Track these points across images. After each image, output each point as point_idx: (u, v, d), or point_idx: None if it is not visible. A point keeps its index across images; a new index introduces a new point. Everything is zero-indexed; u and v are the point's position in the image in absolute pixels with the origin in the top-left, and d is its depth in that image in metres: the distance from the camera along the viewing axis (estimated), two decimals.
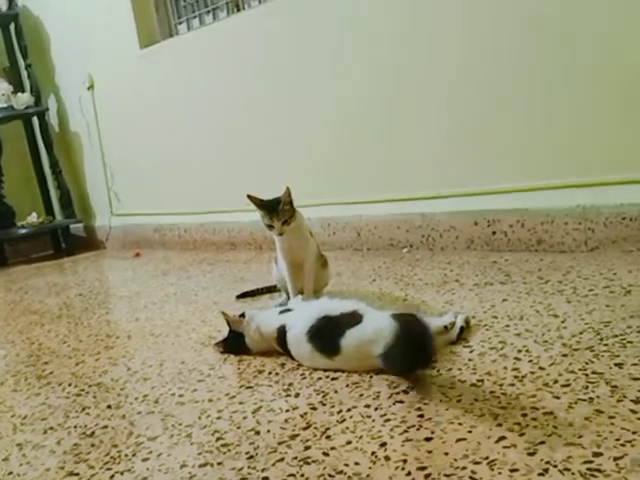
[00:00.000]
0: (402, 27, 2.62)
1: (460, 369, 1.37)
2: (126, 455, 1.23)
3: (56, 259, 4.44)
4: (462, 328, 1.57)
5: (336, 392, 1.36)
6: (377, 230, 2.89)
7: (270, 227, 1.92)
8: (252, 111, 3.31)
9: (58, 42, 4.47)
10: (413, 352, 1.30)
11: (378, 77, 2.74)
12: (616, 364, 1.27)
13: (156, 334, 2.07)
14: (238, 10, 3.46)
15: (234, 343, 1.70)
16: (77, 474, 1.19)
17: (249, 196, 1.91)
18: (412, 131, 2.69)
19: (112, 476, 1.16)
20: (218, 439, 1.23)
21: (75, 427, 1.41)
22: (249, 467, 1.10)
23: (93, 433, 1.36)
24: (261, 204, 1.91)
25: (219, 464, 1.13)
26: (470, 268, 2.28)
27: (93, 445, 1.30)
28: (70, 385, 1.70)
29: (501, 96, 2.40)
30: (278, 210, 1.88)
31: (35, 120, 4.59)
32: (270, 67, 3.17)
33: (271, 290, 2.33)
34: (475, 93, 2.47)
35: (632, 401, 1.10)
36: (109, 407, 1.50)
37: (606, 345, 1.37)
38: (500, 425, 1.09)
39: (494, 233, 2.49)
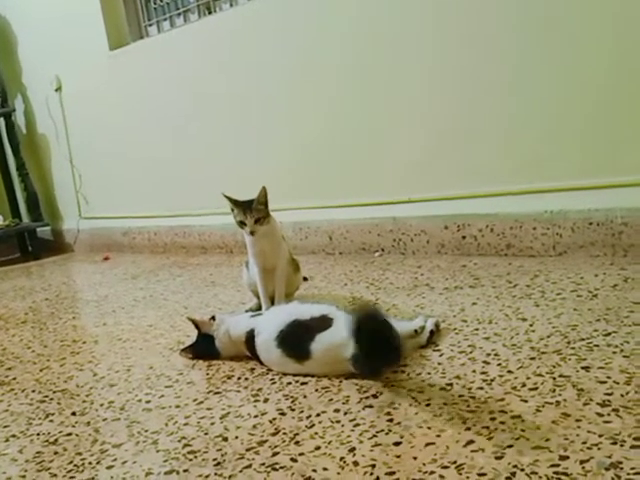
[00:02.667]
0: (375, 29, 2.62)
1: (429, 373, 1.37)
2: (90, 463, 1.20)
3: (22, 263, 4.35)
4: (432, 332, 1.57)
5: (305, 397, 1.35)
6: (349, 234, 2.89)
7: (242, 224, 1.91)
8: (223, 113, 3.29)
9: (25, 43, 4.39)
10: (378, 345, 1.30)
11: (350, 81, 2.75)
12: (583, 367, 1.28)
13: (124, 339, 2.04)
14: (209, 13, 3.43)
15: (204, 346, 1.68)
16: None
17: (225, 195, 1.91)
18: (384, 136, 2.70)
19: None
20: (185, 446, 1.21)
21: (38, 435, 1.38)
22: (216, 474, 1.09)
23: (56, 441, 1.33)
24: (236, 202, 1.91)
25: (185, 471, 1.11)
26: (440, 272, 2.29)
27: (56, 453, 1.27)
28: (34, 391, 1.66)
29: (472, 102, 2.42)
30: (252, 208, 1.88)
31: (1, 121, 4.50)
32: (241, 69, 3.15)
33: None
34: (447, 99, 2.49)
35: (598, 404, 1.11)
36: (74, 414, 1.47)
37: (573, 348, 1.38)
38: (469, 429, 1.09)
39: (464, 237, 2.50)
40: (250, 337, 1.57)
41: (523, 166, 2.33)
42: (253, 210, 1.88)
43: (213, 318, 1.68)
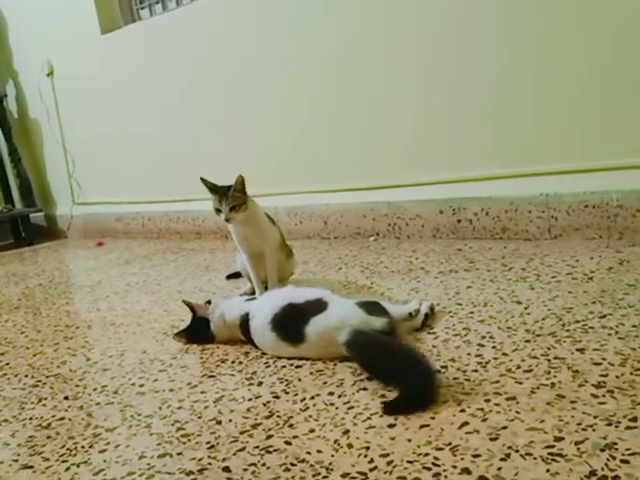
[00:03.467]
0: (369, 15, 2.60)
1: (424, 356, 1.36)
2: (83, 447, 1.20)
3: (16, 248, 4.32)
4: (427, 315, 1.56)
5: (300, 380, 1.34)
6: (344, 219, 2.88)
7: (218, 211, 1.88)
8: (217, 97, 3.26)
9: (16, 27, 4.33)
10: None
11: (345, 66, 2.72)
12: (578, 349, 1.28)
13: (117, 324, 2.03)
14: None
15: (199, 329, 1.67)
16: (31, 467, 1.15)
17: (202, 179, 1.89)
18: (379, 119, 2.68)
19: (67, 468, 1.12)
20: (178, 429, 1.21)
21: (30, 419, 1.37)
22: (209, 457, 1.08)
23: (49, 425, 1.32)
24: (213, 188, 1.89)
25: (179, 454, 1.11)
26: (435, 256, 2.28)
27: (49, 437, 1.26)
28: (27, 376, 1.65)
29: (466, 86, 2.40)
30: (228, 195, 1.84)
31: None
32: (233, 52, 3.12)
33: None
34: (442, 83, 2.47)
35: (593, 386, 1.11)
36: (66, 398, 1.46)
37: (568, 331, 1.38)
38: (463, 411, 1.09)
39: (459, 221, 2.49)
40: (244, 321, 1.56)
41: (518, 149, 2.32)
42: (229, 197, 1.84)
43: (209, 302, 1.67)
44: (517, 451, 0.95)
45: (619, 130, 2.11)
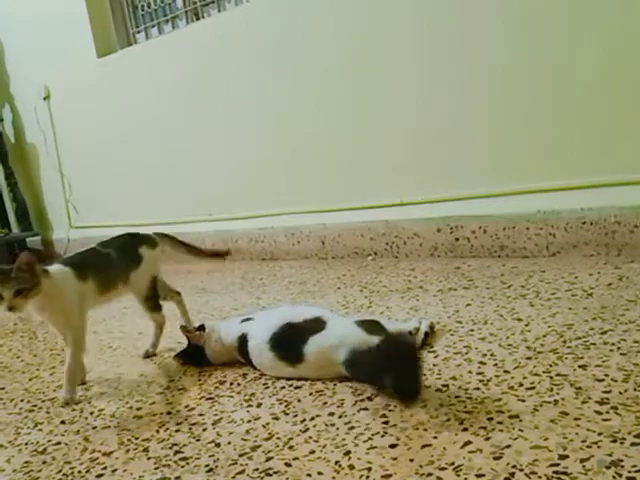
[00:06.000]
0: (366, 30, 2.61)
1: (425, 374, 1.34)
2: (79, 472, 1.17)
3: None
4: (427, 333, 1.55)
5: (299, 401, 1.32)
6: (341, 238, 2.87)
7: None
8: (213, 119, 3.27)
9: (12, 52, 4.35)
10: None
11: (341, 84, 2.74)
12: (580, 366, 1.26)
13: (114, 347, 2.01)
14: (197, 19, 3.42)
15: (194, 357, 1.65)
16: None
17: None
18: (375, 138, 2.68)
19: None
20: (176, 452, 1.19)
21: (26, 444, 1.35)
22: None
23: (45, 450, 1.30)
24: None
25: (177, 478, 1.09)
26: (434, 274, 2.27)
27: (45, 462, 1.24)
28: (22, 401, 1.63)
29: (464, 104, 2.41)
30: (11, 276, 1.42)
31: None
32: (230, 74, 3.14)
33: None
34: (438, 102, 2.48)
35: (597, 402, 1.09)
36: (63, 422, 1.43)
37: (569, 347, 1.37)
38: (466, 430, 1.07)
39: (457, 239, 2.49)
40: (243, 342, 1.55)
41: (515, 167, 2.32)
42: (12, 280, 1.42)
43: (202, 327, 1.65)
44: (522, 470, 0.93)
45: (617, 146, 2.11)
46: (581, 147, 2.18)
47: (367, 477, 0.98)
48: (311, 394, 1.35)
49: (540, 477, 0.91)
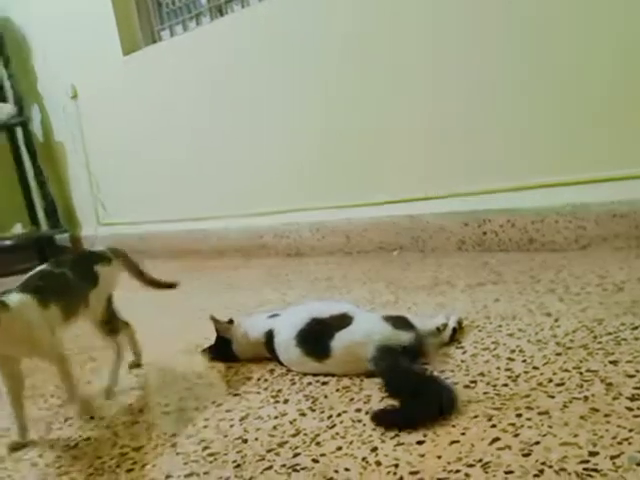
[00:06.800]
0: (387, 25, 2.60)
1: (453, 371, 1.34)
2: (110, 467, 1.19)
3: None
4: (454, 329, 1.53)
5: (326, 397, 1.32)
6: (366, 233, 2.86)
7: None
8: (239, 116, 3.28)
9: (40, 52, 4.42)
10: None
11: (364, 78, 2.72)
12: (611, 362, 1.24)
13: (141, 343, 2.02)
14: (221, 15, 3.43)
15: (221, 350, 1.66)
16: None
17: None
18: (399, 132, 2.67)
19: None
20: (204, 448, 1.19)
21: (57, 439, 1.37)
22: (236, 476, 1.07)
23: (76, 445, 1.32)
24: None
25: (205, 474, 1.09)
26: (461, 269, 2.25)
27: (76, 457, 1.26)
28: (52, 397, 1.65)
29: (488, 95, 2.38)
30: None
31: (19, 130, 4.53)
32: (255, 70, 3.14)
33: None
34: (462, 94, 2.45)
35: (628, 398, 1.08)
36: (92, 418, 1.45)
37: (600, 343, 1.35)
38: (494, 426, 1.06)
39: (485, 233, 2.47)
40: (269, 338, 1.55)
41: (542, 159, 2.29)
42: None
43: (231, 321, 1.66)
44: (551, 467, 0.92)
45: None
46: (609, 139, 2.14)
47: (394, 474, 0.98)
48: (338, 390, 1.35)
49: (570, 474, 0.89)
